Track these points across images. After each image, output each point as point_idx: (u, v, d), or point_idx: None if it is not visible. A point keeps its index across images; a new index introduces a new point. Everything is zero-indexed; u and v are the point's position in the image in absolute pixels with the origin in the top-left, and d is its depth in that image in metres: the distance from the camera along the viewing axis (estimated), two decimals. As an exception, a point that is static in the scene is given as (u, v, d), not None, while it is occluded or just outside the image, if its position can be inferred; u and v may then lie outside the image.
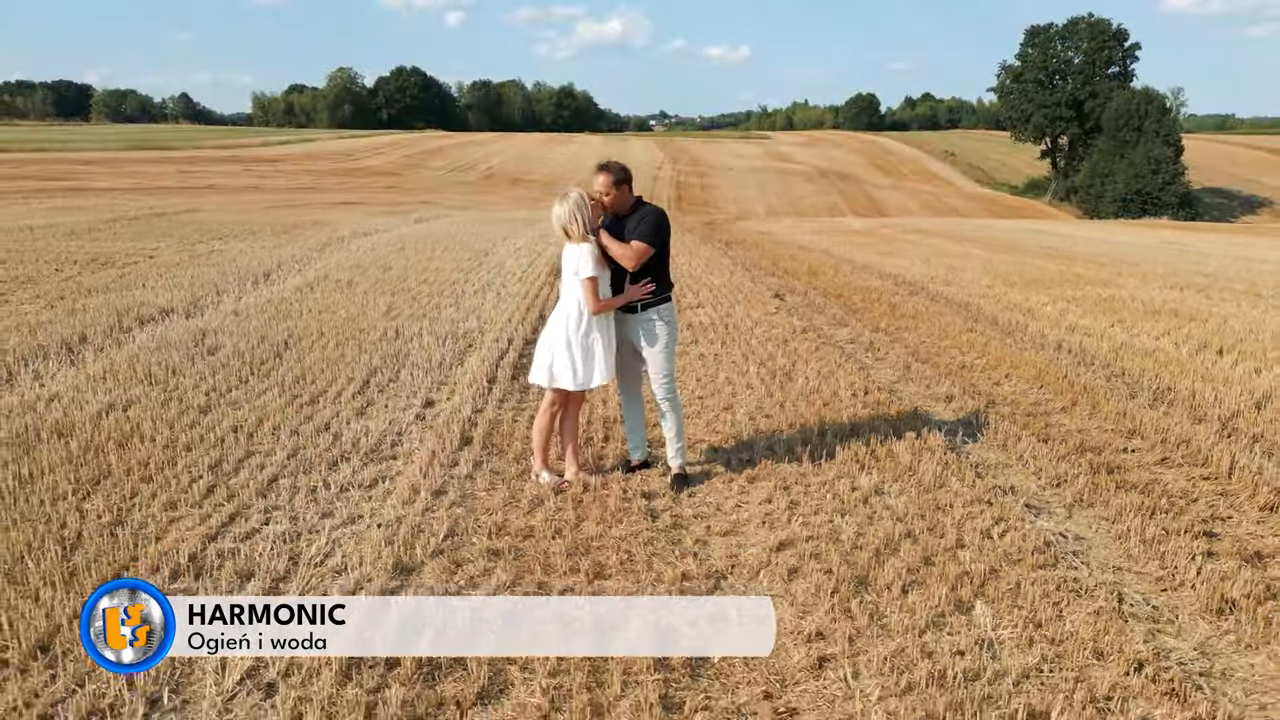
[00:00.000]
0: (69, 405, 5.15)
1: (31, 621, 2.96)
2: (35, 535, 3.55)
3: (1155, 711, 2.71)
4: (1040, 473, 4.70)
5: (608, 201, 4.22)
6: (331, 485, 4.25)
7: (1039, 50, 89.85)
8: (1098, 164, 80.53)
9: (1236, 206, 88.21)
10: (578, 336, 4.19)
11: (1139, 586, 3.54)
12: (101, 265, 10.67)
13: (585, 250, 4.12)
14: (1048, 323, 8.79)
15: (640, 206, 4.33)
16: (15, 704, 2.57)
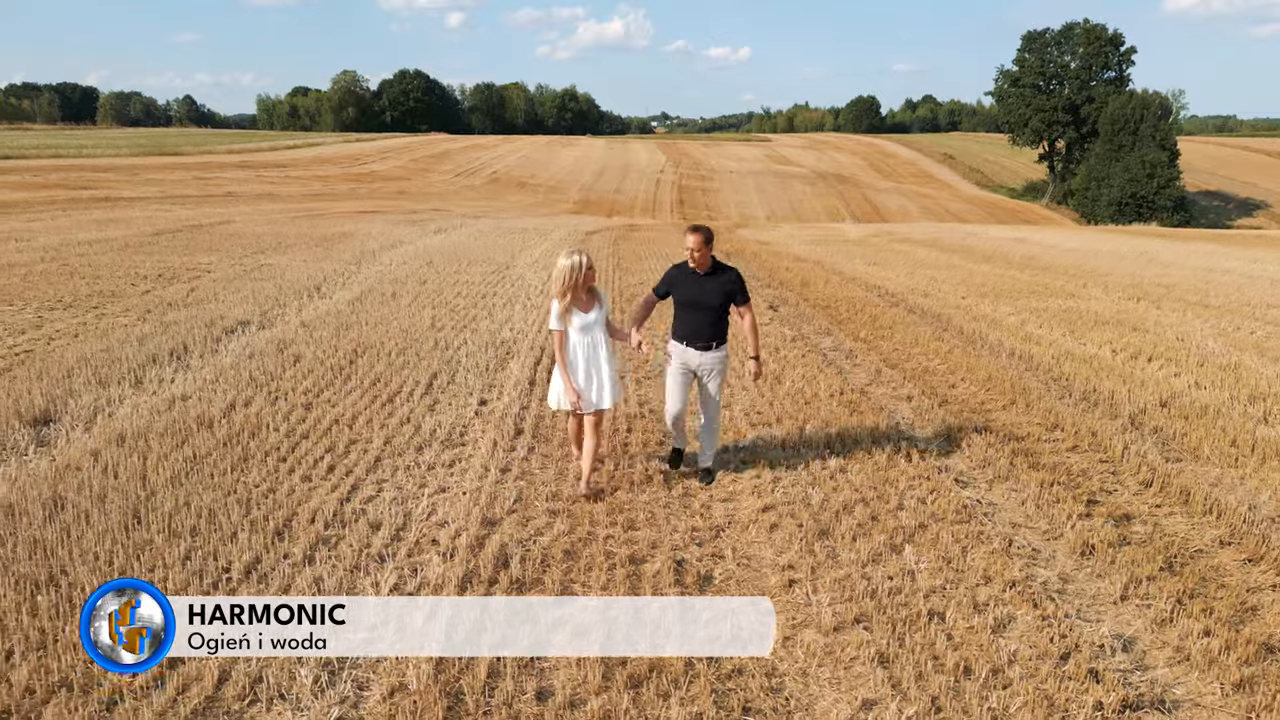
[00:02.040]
0: (201, 403, 6.44)
1: (236, 552, 4.24)
2: (218, 499, 4.84)
3: (1016, 612, 3.98)
4: (971, 457, 5.97)
5: (698, 258, 4.97)
6: (421, 464, 5.54)
7: (1036, 55, 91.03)
8: (1094, 168, 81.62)
9: (1233, 209, 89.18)
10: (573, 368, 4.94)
11: (1027, 536, 4.82)
12: (169, 280, 11.96)
13: (553, 307, 4.90)
14: (1007, 332, 10.07)
15: (719, 267, 5.11)
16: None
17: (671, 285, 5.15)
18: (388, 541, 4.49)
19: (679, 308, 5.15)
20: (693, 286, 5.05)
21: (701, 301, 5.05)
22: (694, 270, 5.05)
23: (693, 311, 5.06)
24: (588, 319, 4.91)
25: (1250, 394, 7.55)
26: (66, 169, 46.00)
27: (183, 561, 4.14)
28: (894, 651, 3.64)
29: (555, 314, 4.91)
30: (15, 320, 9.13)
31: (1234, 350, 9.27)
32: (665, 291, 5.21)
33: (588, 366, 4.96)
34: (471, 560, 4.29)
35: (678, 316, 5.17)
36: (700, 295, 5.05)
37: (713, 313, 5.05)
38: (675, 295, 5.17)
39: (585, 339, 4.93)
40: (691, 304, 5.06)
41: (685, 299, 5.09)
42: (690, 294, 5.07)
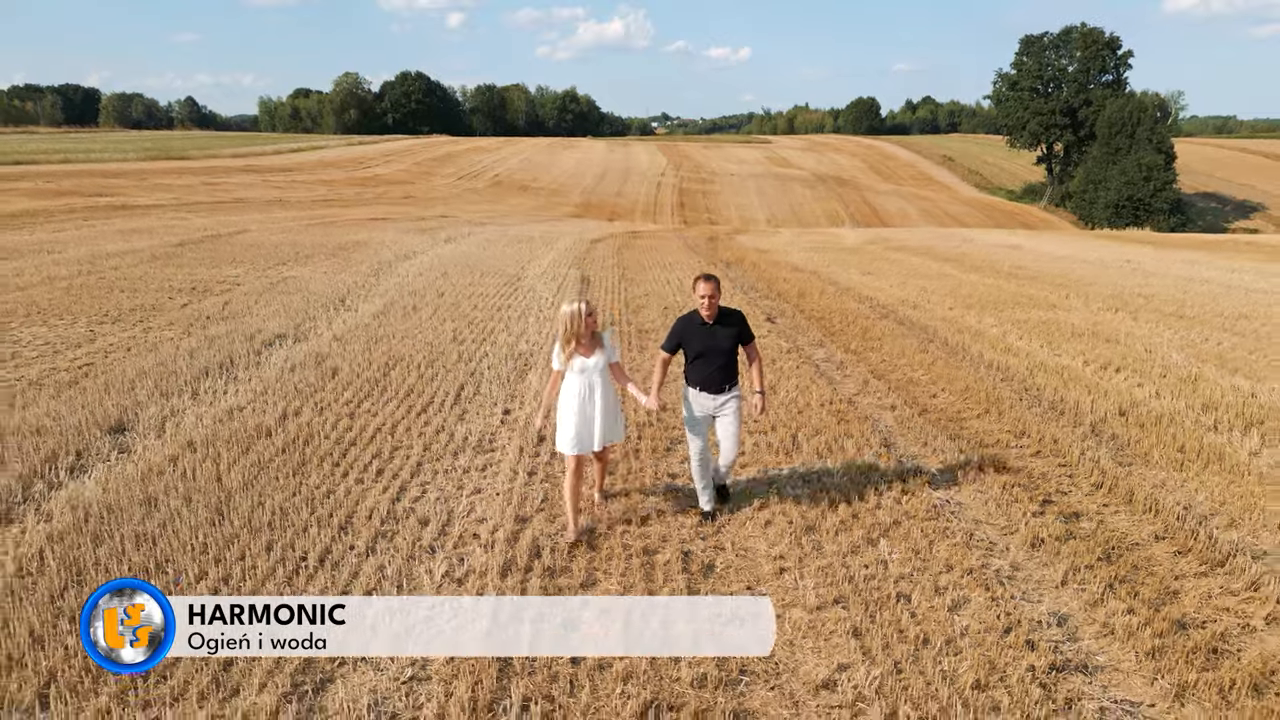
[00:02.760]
0: (256, 414, 7.19)
1: (310, 544, 4.98)
2: (286, 499, 5.58)
3: (970, 595, 4.72)
4: (944, 461, 6.71)
5: (710, 305, 5.20)
6: (457, 469, 6.28)
7: (1034, 59, 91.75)
8: (1091, 171, 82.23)
9: (1230, 211, 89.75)
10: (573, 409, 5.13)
11: (986, 531, 5.56)
12: (202, 293, 12.70)
13: (555, 349, 5.15)
14: (988, 344, 10.81)
15: (724, 313, 5.36)
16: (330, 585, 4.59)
17: (682, 338, 5.37)
18: (435, 535, 5.23)
19: (693, 358, 5.36)
20: (704, 337, 5.29)
21: (713, 349, 5.29)
22: (702, 322, 5.29)
23: (706, 360, 5.31)
24: (587, 363, 5.10)
25: (1204, 403, 8.29)
26: (78, 174, 46.75)
27: (266, 551, 4.88)
28: (866, 626, 4.38)
29: (556, 355, 5.13)
30: (69, 334, 9.88)
31: (1197, 361, 10.01)
32: (676, 345, 5.40)
33: (582, 408, 5.10)
34: (509, 551, 5.03)
35: (691, 365, 5.39)
36: (711, 344, 5.29)
37: (724, 357, 5.32)
38: (687, 348, 5.37)
39: (583, 381, 5.11)
40: (704, 353, 5.30)
41: (697, 350, 5.32)
42: (702, 344, 5.30)
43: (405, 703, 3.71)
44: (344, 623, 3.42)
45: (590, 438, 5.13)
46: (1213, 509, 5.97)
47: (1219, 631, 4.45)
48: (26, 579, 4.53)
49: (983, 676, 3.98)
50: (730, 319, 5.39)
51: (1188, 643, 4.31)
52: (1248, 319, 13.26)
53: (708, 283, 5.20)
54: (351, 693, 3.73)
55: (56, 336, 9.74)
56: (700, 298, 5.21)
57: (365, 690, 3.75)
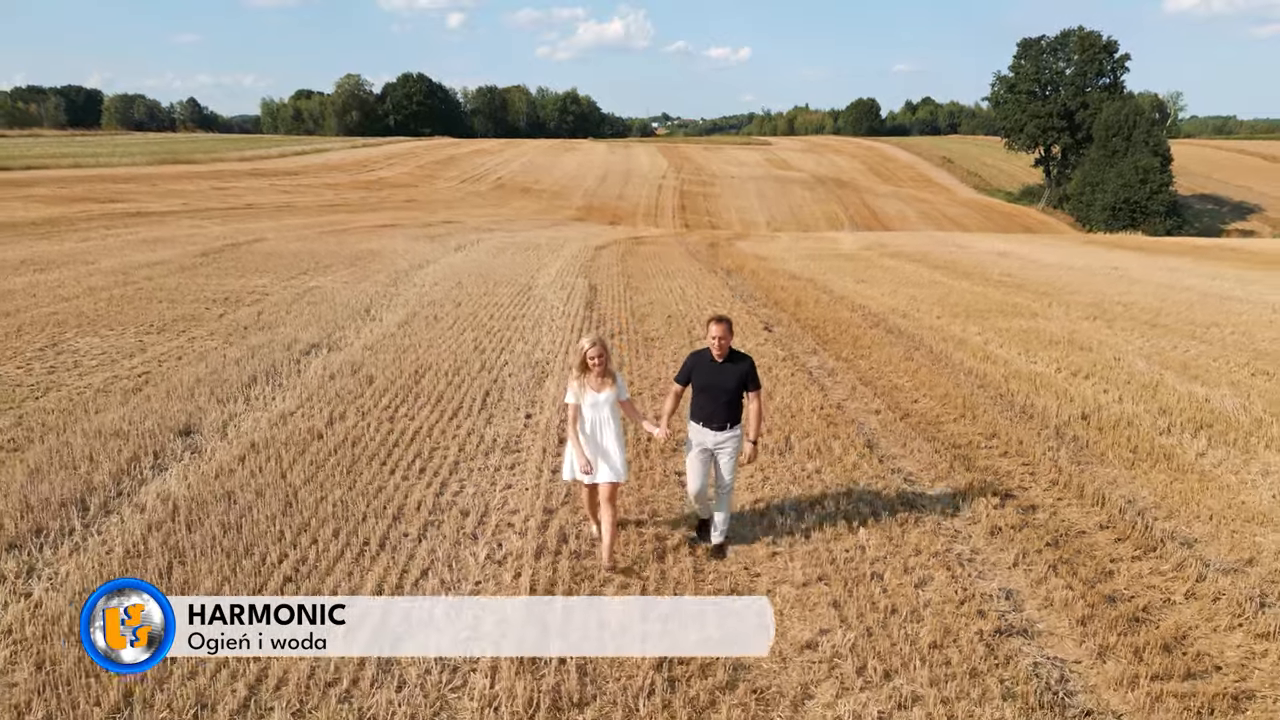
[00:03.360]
0: (305, 418, 8.02)
1: (370, 531, 5.82)
2: (345, 493, 6.42)
3: (934, 574, 5.56)
4: (920, 460, 7.55)
5: (721, 344, 5.44)
6: (489, 467, 7.12)
7: (1031, 62, 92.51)
8: (1088, 173, 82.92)
9: (1226, 213, 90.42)
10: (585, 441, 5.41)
11: (952, 521, 6.39)
12: (234, 304, 13.55)
13: (570, 383, 5.44)
14: (969, 352, 11.64)
15: (736, 355, 5.58)
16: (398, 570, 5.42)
17: (692, 371, 5.60)
18: (476, 523, 6.07)
19: (698, 392, 5.59)
20: (713, 373, 5.53)
21: (719, 386, 5.51)
22: (714, 359, 5.53)
23: (711, 396, 5.53)
24: (598, 398, 5.36)
25: (1161, 408, 9.13)
26: (89, 180, 47.60)
27: (334, 537, 5.72)
28: (844, 599, 5.22)
29: (571, 389, 5.44)
30: (121, 344, 10.72)
31: (1160, 369, 10.85)
32: (687, 378, 5.63)
33: (591, 441, 5.39)
34: (540, 537, 5.87)
35: (696, 400, 5.61)
36: (719, 380, 5.51)
37: (728, 395, 5.52)
38: (695, 380, 5.59)
39: (594, 416, 5.38)
40: (710, 389, 5.52)
41: (704, 384, 5.55)
42: (709, 380, 5.53)
43: (463, 657, 4.55)
44: (344, 623, 3.52)
45: (605, 468, 5.36)
46: (1154, 503, 6.81)
47: (1142, 605, 5.28)
48: (135, 560, 5.37)
49: (939, 638, 4.82)
50: (740, 361, 5.60)
51: (1114, 613, 5.14)
52: (1218, 327, 14.09)
53: (719, 324, 5.48)
54: (418, 648, 4.57)
55: (110, 346, 10.58)
56: (712, 337, 5.48)
57: (431, 645, 4.59)
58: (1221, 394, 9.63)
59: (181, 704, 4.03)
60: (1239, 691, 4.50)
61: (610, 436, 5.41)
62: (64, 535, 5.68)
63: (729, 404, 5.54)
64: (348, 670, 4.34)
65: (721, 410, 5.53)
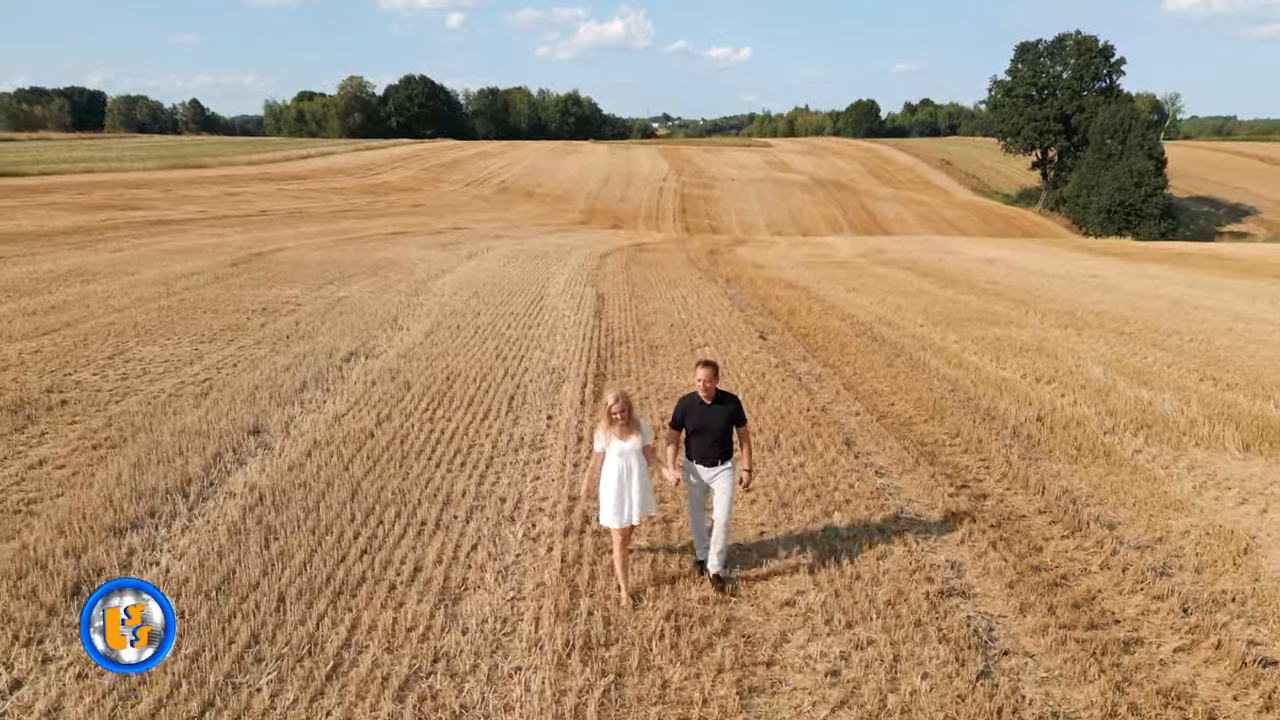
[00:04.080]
0: (356, 420, 9.20)
1: (425, 514, 6.99)
2: (400, 483, 7.60)
3: (894, 549, 6.73)
4: (891, 456, 8.72)
5: (708, 387, 5.86)
6: (519, 461, 8.29)
7: (1028, 66, 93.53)
8: (1084, 176, 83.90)
9: (1222, 215, 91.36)
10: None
11: (914, 508, 7.57)
12: (272, 314, 14.73)
13: (598, 433, 5.86)
14: (945, 359, 12.81)
15: (722, 396, 6.00)
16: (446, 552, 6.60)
17: (685, 415, 6.01)
18: (513, 508, 7.25)
19: (691, 434, 6.00)
20: (702, 415, 5.96)
21: (710, 426, 5.93)
22: (702, 401, 5.96)
23: (703, 436, 5.96)
24: (624, 446, 5.73)
25: (1108, 410, 10.30)
26: (105, 185, 48.80)
27: (396, 519, 6.90)
28: (818, 567, 6.39)
29: (598, 438, 5.85)
30: (179, 353, 11.90)
31: (1115, 375, 12.01)
32: (680, 422, 6.05)
33: (619, 486, 5.71)
34: (567, 519, 7.05)
35: (690, 441, 6.04)
36: (709, 421, 5.94)
37: (719, 433, 5.95)
38: (688, 423, 5.99)
39: (621, 462, 5.73)
40: (702, 430, 5.95)
41: (696, 426, 5.96)
42: (700, 422, 5.95)
43: (511, 611, 5.72)
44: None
45: (629, 512, 5.77)
46: (1088, 492, 7.98)
47: (1062, 573, 6.45)
48: (237, 536, 6.54)
49: (893, 598, 5.99)
50: (726, 401, 6.03)
51: (1037, 579, 6.32)
52: (1180, 335, 15.25)
53: (706, 368, 5.95)
54: (478, 606, 5.75)
55: (170, 355, 11.76)
56: (698, 380, 5.95)
57: (485, 604, 5.76)
58: (1164, 398, 10.80)
59: (298, 642, 5.22)
60: (1130, 639, 5.66)
61: (636, 480, 5.75)
62: (174, 517, 6.86)
63: (720, 442, 5.97)
64: (423, 619, 5.53)
65: (714, 448, 5.96)
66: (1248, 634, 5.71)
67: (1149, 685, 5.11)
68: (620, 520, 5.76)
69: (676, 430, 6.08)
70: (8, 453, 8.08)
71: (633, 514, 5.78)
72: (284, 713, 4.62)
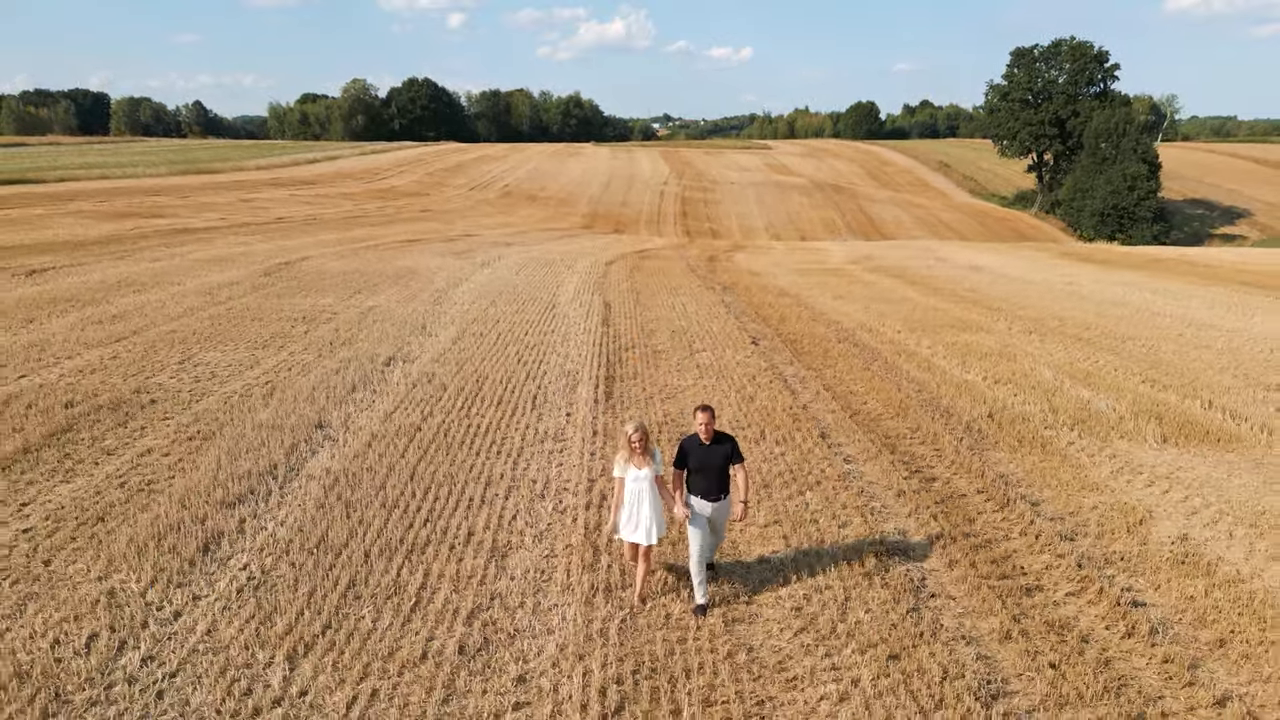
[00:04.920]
0: (403, 416, 10.79)
1: (472, 493, 8.57)
2: (449, 468, 9.19)
3: (853, 519, 8.32)
4: (858, 447, 10.29)
5: (706, 429, 6.50)
6: (544, 451, 9.88)
7: (1024, 71, 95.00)
8: (1079, 179, 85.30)
9: (1216, 218, 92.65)
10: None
11: (874, 488, 9.14)
12: (312, 322, 16.32)
13: (616, 460, 6.65)
14: (916, 364, 14.39)
15: (720, 436, 6.65)
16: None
17: (687, 455, 6.62)
18: (542, 488, 8.83)
19: (693, 472, 6.62)
20: (703, 455, 6.59)
21: (709, 464, 6.57)
22: (702, 442, 6.61)
23: (704, 473, 6.59)
24: (639, 474, 6.46)
25: (1051, 408, 11.87)
26: (125, 193, 50.42)
27: (448, 496, 8.48)
28: (790, 534, 7.97)
29: (618, 465, 6.58)
30: (238, 358, 13.49)
31: (1064, 377, 13.59)
32: (684, 463, 6.64)
33: (632, 510, 6.51)
34: (588, 496, 8.63)
35: (692, 478, 6.65)
36: (709, 461, 6.57)
37: (718, 471, 6.61)
38: (690, 462, 6.59)
39: (636, 488, 6.48)
40: (703, 469, 6.59)
41: (697, 465, 6.59)
42: (701, 461, 6.58)
43: (547, 564, 7.30)
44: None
45: (640, 532, 6.53)
46: (1021, 476, 9.55)
47: (987, 539, 8.03)
48: (323, 510, 8.13)
49: (849, 557, 7.57)
50: (724, 441, 6.68)
51: (967, 543, 7.90)
52: (1134, 340, 16.81)
53: (704, 413, 6.62)
54: (521, 561, 7.33)
55: (231, 360, 13.34)
56: (699, 424, 6.62)
57: (526, 559, 7.34)
58: (1101, 397, 12.38)
59: (386, 585, 6.81)
60: (1032, 586, 7.24)
61: (647, 506, 6.48)
62: (269, 494, 8.46)
63: (719, 478, 6.63)
64: (479, 570, 7.12)
65: (714, 484, 6.62)
66: (1127, 583, 7.30)
67: (1039, 618, 6.69)
68: (630, 535, 6.57)
69: (680, 469, 6.67)
70: (118, 444, 9.68)
71: (644, 534, 6.51)
72: (384, 632, 6.22)
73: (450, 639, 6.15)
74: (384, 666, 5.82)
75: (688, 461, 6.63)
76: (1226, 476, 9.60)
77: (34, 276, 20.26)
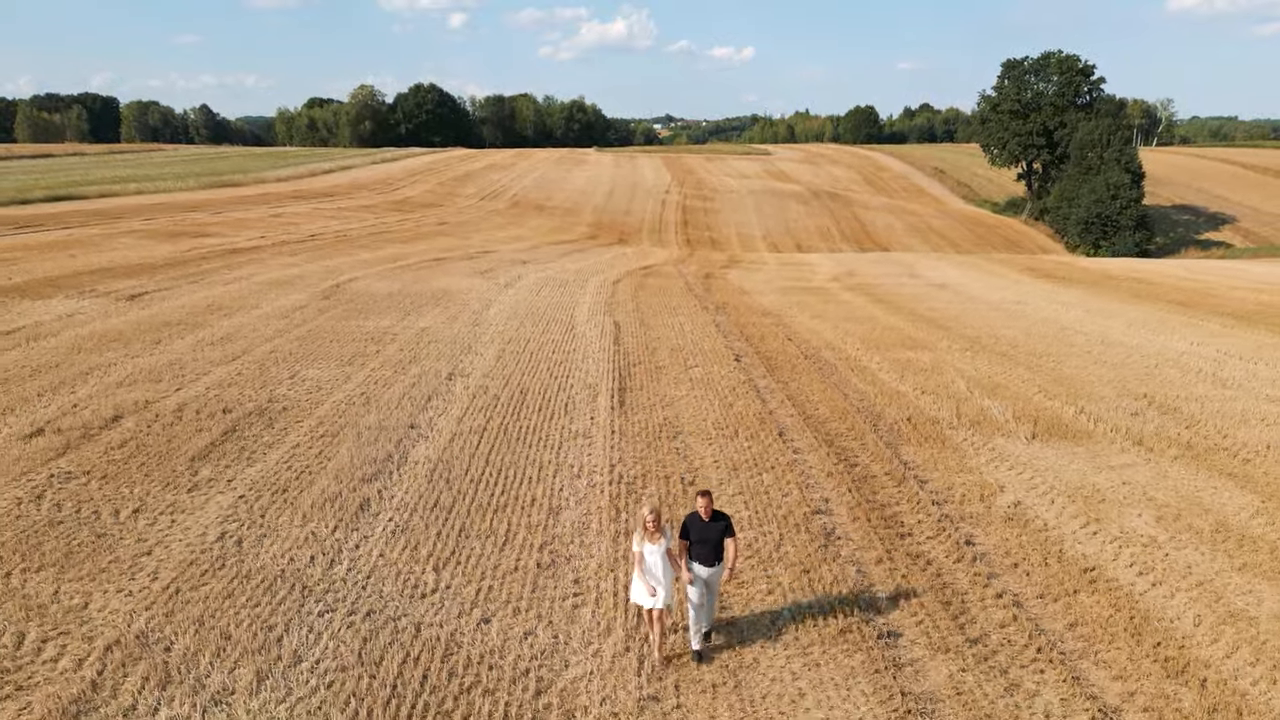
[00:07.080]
0: (472, 419, 14.60)
1: (534, 473, 12.41)
2: (513, 457, 13.03)
3: (792, 490, 12.13)
4: (806, 442, 14.08)
5: (706, 510, 7.94)
6: (577, 445, 13.68)
7: (1014, 83, 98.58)
8: (1065, 188, 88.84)
9: (1202, 224, 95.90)
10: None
11: (812, 471, 12.95)
12: (379, 342, 20.14)
13: (635, 536, 7.84)
14: (863, 378, 18.18)
15: (717, 515, 8.06)
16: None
17: (689, 529, 8.00)
18: (578, 470, 12.65)
19: (694, 544, 7.98)
20: (702, 530, 7.98)
21: (708, 538, 7.95)
22: (702, 519, 8.00)
23: (703, 545, 7.96)
24: (654, 549, 7.67)
25: (958, 413, 15.65)
26: (166, 209, 54.31)
27: (513, 475, 12.31)
28: (750, 502, 11.78)
29: (636, 541, 7.78)
30: (333, 374, 17.31)
31: (975, 388, 17.38)
32: (686, 534, 8.03)
33: (650, 576, 7.69)
34: (612, 475, 12.45)
35: (693, 548, 7.99)
36: (707, 535, 7.97)
37: (714, 544, 7.99)
38: (691, 536, 7.97)
39: (652, 560, 7.70)
40: (702, 542, 7.96)
41: (698, 538, 7.97)
42: (701, 535, 7.97)
43: (585, 519, 11.11)
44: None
45: (653, 599, 7.71)
46: (919, 464, 13.35)
47: (883, 503, 11.82)
48: (432, 483, 11.94)
49: (787, 514, 11.35)
50: (720, 519, 8.10)
51: (869, 506, 11.69)
52: (1048, 356, 20.59)
53: (704, 498, 8.06)
54: (568, 516, 11.14)
55: (327, 376, 17.16)
56: (699, 506, 8.05)
57: (572, 515, 11.16)
58: (999, 405, 16.18)
59: (485, 529, 10.64)
60: (904, 532, 11.01)
61: (660, 574, 7.71)
62: (392, 473, 12.28)
63: (715, 549, 8.02)
64: (542, 521, 10.94)
65: (711, 554, 8.01)
66: (969, 532, 11.09)
67: (904, 550, 10.50)
68: (647, 601, 7.79)
69: (685, 540, 8.08)
70: (274, 439, 13.51)
71: (658, 601, 7.72)
72: (489, 555, 10.04)
73: (531, 559, 9.99)
74: (493, 573, 9.65)
75: (690, 535, 8.06)
76: (1068, 463, 13.40)
77: (136, 301, 24.13)
